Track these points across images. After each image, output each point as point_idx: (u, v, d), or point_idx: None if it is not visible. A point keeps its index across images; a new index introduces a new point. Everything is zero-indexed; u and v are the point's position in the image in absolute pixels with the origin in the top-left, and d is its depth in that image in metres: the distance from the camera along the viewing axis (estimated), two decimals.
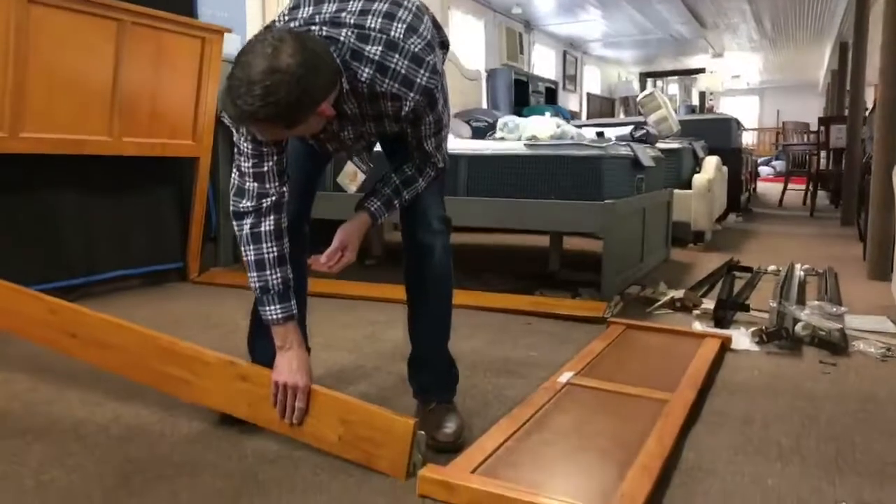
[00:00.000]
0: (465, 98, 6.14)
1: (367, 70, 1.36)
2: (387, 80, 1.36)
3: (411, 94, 1.38)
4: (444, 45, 1.65)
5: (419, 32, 1.41)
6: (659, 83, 14.40)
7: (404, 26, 1.39)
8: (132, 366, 1.70)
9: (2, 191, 2.68)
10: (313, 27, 1.36)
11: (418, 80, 1.38)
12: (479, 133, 5.06)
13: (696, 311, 2.83)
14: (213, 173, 3.62)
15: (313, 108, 1.27)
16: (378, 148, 1.71)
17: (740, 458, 1.52)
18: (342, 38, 1.35)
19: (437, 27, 1.63)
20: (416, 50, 1.38)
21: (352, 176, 3.59)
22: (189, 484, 1.35)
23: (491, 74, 7.79)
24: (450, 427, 1.55)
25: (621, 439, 1.57)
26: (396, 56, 1.36)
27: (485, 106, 7.11)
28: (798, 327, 2.46)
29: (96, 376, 1.97)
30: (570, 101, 11.02)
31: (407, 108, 1.40)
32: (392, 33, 1.37)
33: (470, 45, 8.04)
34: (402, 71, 1.37)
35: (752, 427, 1.70)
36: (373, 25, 1.37)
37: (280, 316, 1.47)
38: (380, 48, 1.36)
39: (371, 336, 2.48)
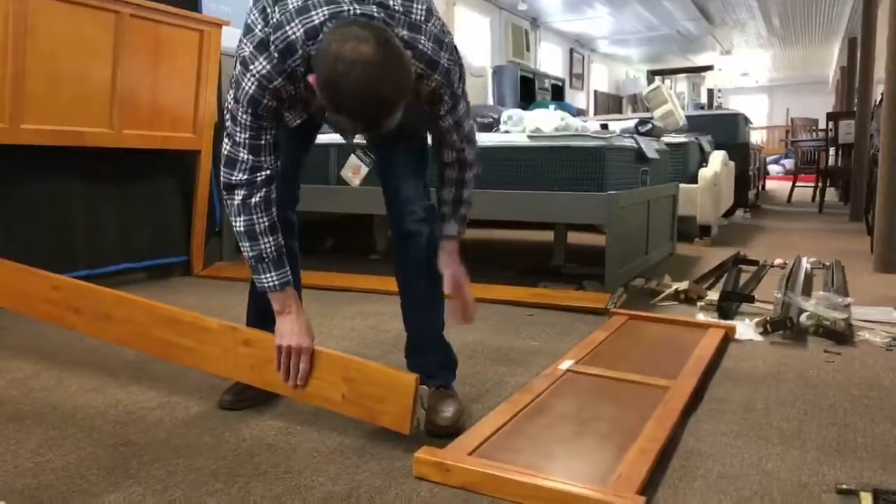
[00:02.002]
0: (471, 95, 6.11)
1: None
2: (413, 60, 1.38)
3: (434, 76, 1.42)
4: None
5: (435, 14, 1.45)
6: (667, 81, 14.34)
7: (424, 8, 1.42)
8: (136, 337, 1.71)
9: (5, 182, 2.70)
10: (340, 1, 1.34)
11: (441, 62, 1.42)
12: (486, 129, 5.05)
13: (700, 303, 2.82)
14: (218, 167, 3.63)
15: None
16: None
17: (740, 442, 1.51)
18: (376, 16, 1.35)
19: None
20: (437, 31, 1.43)
21: (355, 169, 3.59)
22: (185, 466, 1.35)
23: (497, 71, 7.79)
24: (448, 411, 1.54)
25: (621, 424, 1.56)
26: (422, 38, 1.40)
27: (490, 102, 7.10)
28: (803, 317, 2.44)
29: (96, 365, 1.98)
30: (578, 99, 10.99)
31: (428, 88, 1.43)
32: (413, 16, 1.40)
33: (476, 42, 8.03)
34: (428, 52, 1.41)
35: (754, 413, 1.69)
36: (396, 7, 1.39)
37: (277, 283, 1.47)
38: (406, 31, 1.39)
39: (375, 327, 2.48)
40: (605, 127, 3.85)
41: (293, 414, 1.62)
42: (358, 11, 1.33)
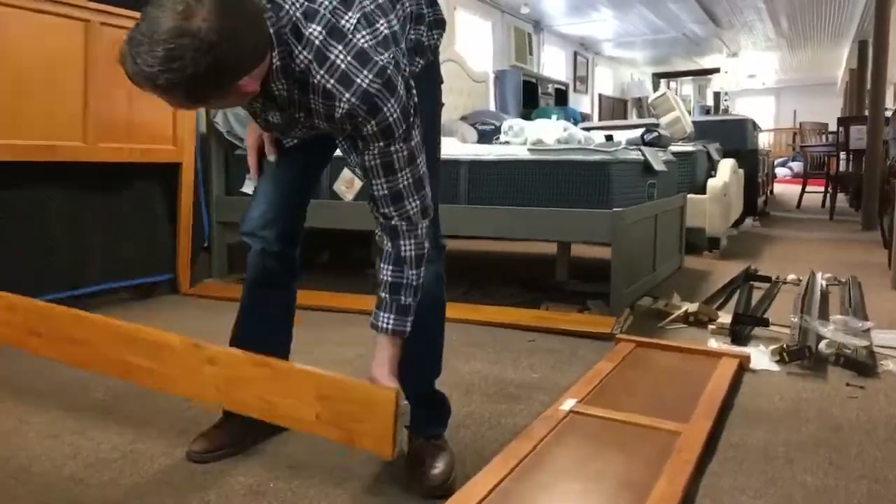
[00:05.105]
0: (472, 100, 5.99)
1: (304, 52, 1.17)
2: (321, 72, 1.17)
3: (346, 96, 1.17)
4: (439, 23, 1.47)
5: (375, 27, 1.20)
6: (673, 84, 14.17)
7: (359, 15, 1.19)
8: (98, 359, 1.53)
9: None
10: None
11: (358, 82, 1.16)
12: (486, 136, 4.90)
13: (711, 326, 2.66)
14: (206, 180, 3.49)
15: (226, 84, 1.10)
16: None
17: (761, 502, 1.36)
18: (287, 6, 1.17)
19: (431, 4, 1.45)
20: (364, 46, 1.18)
21: (348, 183, 3.46)
22: None
23: (499, 76, 7.64)
24: (437, 467, 1.40)
25: (628, 480, 1.41)
26: (339, 47, 1.17)
27: (492, 108, 6.95)
28: (822, 345, 2.29)
29: (63, 403, 1.84)
30: (582, 103, 10.84)
31: (340, 111, 1.18)
32: (341, 21, 1.18)
33: (477, 47, 7.88)
34: (342, 66, 1.16)
35: (774, 464, 1.54)
36: (325, 3, 1.19)
37: None
38: (323, 31, 1.17)
39: (364, 356, 2.32)
40: (609, 138, 3.69)
41: (266, 469, 1.48)
42: None
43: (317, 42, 1.17)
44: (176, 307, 3.05)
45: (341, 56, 1.17)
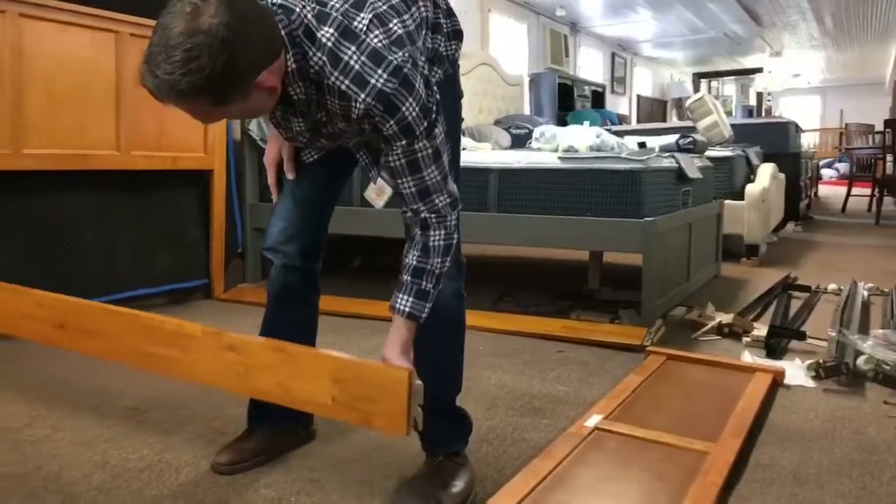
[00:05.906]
0: (506, 104, 5.97)
1: (318, 54, 1.17)
2: (335, 73, 1.15)
3: (361, 96, 1.15)
4: (457, 34, 1.46)
5: (388, 26, 1.19)
6: (714, 84, 13.93)
7: (371, 15, 1.19)
8: (120, 350, 1.57)
9: (15, 210, 2.63)
10: None
11: (373, 81, 1.15)
12: (520, 140, 4.89)
13: (745, 339, 2.61)
14: (240, 187, 3.54)
15: (246, 80, 1.09)
16: None
17: None
18: (297, 10, 1.17)
19: (449, 14, 1.45)
20: (378, 45, 1.16)
21: (378, 190, 3.46)
22: None
23: (534, 79, 7.60)
24: (457, 486, 1.39)
25: (651, 502, 1.39)
26: (352, 48, 1.16)
27: (528, 112, 6.92)
28: (860, 360, 2.22)
29: (95, 411, 1.88)
30: (620, 105, 10.71)
31: (357, 112, 1.17)
32: (353, 22, 1.18)
33: (512, 50, 7.85)
34: (356, 66, 1.15)
35: (805, 486, 1.50)
36: (337, 5, 1.18)
37: None
38: (335, 32, 1.16)
39: None
40: (642, 144, 3.64)
41: (289, 482, 1.49)
42: (279, 1, 1.17)
43: (329, 44, 1.16)
44: (210, 312, 3.10)
45: (354, 57, 1.16)
